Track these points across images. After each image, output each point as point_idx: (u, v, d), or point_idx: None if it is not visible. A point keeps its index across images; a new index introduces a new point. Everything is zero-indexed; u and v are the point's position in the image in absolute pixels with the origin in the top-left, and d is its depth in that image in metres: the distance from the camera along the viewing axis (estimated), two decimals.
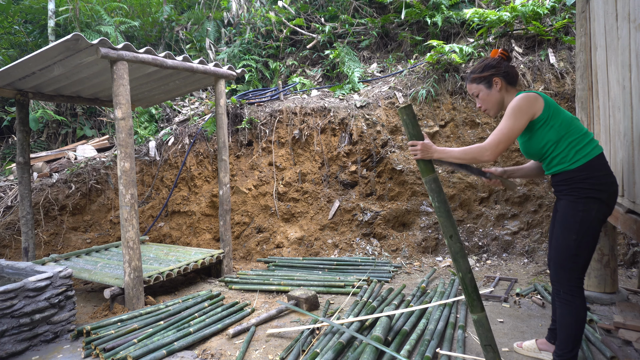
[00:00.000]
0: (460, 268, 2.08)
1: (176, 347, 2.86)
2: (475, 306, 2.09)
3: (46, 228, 5.49)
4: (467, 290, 2.09)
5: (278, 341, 3.02)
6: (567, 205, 2.10)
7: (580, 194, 2.06)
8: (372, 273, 4.41)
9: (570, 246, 2.09)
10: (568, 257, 2.10)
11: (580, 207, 2.05)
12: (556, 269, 2.17)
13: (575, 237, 2.07)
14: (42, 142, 7.31)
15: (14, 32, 8.18)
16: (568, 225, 2.09)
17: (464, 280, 2.08)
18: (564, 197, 2.13)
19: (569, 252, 2.10)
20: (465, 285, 2.08)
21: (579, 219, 2.05)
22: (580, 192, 2.06)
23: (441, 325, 2.99)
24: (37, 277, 3.09)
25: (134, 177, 3.71)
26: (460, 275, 2.09)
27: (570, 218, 2.08)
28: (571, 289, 2.13)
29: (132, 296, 3.65)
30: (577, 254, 2.09)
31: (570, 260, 2.10)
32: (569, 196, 2.10)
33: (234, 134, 5.99)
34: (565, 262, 2.12)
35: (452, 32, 6.27)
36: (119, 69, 3.58)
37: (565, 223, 2.10)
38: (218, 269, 4.78)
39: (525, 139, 2.22)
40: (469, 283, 2.08)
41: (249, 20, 7.68)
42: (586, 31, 3.24)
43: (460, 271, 2.08)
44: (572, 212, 2.08)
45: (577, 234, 2.06)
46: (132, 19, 8.23)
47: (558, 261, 2.15)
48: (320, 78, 6.94)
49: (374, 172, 5.48)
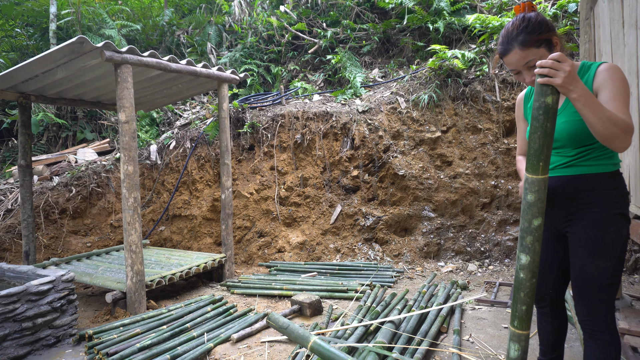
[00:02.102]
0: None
1: (179, 352, 2.84)
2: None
3: (46, 231, 5.46)
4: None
5: (282, 346, 3.01)
6: (594, 227, 1.74)
7: (610, 210, 1.72)
8: (374, 278, 4.40)
9: (604, 275, 1.72)
10: (601, 287, 1.73)
11: (612, 228, 1.71)
12: (589, 304, 1.76)
13: (610, 264, 1.71)
14: (43, 145, 7.29)
15: (15, 35, 8.17)
16: (600, 250, 1.72)
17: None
18: (587, 216, 1.76)
19: (602, 282, 1.73)
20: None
21: (611, 241, 1.71)
22: (609, 208, 1.73)
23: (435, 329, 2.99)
24: (39, 280, 3.07)
25: (137, 180, 3.70)
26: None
27: (601, 241, 1.72)
28: (611, 326, 1.74)
29: (134, 300, 3.63)
30: (612, 283, 1.72)
31: (605, 291, 1.73)
32: (596, 214, 1.74)
33: (236, 138, 5.98)
34: (600, 295, 1.73)
35: (454, 37, 6.29)
36: (123, 72, 3.58)
37: (595, 248, 1.73)
38: (220, 273, 4.76)
39: (579, 116, 1.71)
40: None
41: (250, 25, 7.70)
42: (590, 38, 3.26)
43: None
44: (603, 235, 1.71)
45: (610, 260, 1.71)
46: (133, 22, 8.24)
47: (591, 294, 1.75)
48: (322, 83, 6.96)
49: (375, 177, 5.48)
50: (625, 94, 1.61)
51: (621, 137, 1.50)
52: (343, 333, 2.99)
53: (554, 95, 1.45)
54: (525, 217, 1.52)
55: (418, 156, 5.37)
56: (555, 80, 1.42)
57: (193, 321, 3.34)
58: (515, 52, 1.71)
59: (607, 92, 1.62)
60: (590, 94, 1.47)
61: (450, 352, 2.75)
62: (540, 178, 1.48)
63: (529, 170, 1.50)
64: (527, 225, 1.52)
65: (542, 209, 1.50)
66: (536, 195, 1.49)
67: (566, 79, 1.42)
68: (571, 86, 1.44)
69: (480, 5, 6.33)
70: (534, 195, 1.50)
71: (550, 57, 1.43)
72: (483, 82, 5.28)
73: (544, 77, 1.43)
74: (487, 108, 5.22)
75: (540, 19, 1.70)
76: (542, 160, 1.47)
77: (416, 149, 5.40)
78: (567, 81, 1.42)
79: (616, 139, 1.51)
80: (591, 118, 1.48)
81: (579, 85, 1.45)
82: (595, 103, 1.47)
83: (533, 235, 1.52)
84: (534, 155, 1.48)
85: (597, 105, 1.47)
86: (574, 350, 2.77)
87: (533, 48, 1.69)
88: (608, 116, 1.47)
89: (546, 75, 1.43)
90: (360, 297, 3.88)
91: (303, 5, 7.64)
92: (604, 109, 1.48)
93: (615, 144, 1.52)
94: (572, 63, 1.42)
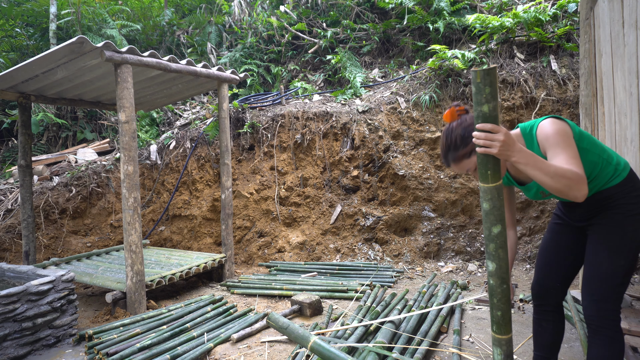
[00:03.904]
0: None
1: (179, 352, 2.84)
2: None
3: (46, 231, 5.46)
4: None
5: (282, 346, 3.01)
6: (611, 227, 1.80)
7: (629, 211, 1.77)
8: (374, 278, 4.40)
9: (617, 274, 1.77)
10: (613, 287, 1.78)
11: (630, 228, 1.76)
12: (597, 302, 1.81)
13: (624, 263, 1.76)
14: (43, 146, 7.29)
15: (15, 35, 8.17)
16: (616, 249, 1.78)
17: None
18: (607, 216, 1.82)
19: (615, 281, 1.78)
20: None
21: (628, 241, 1.76)
22: (628, 209, 1.78)
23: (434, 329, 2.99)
24: (39, 280, 3.07)
25: (137, 180, 3.70)
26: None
27: (619, 241, 1.77)
28: (617, 324, 1.79)
29: (134, 300, 3.63)
30: (622, 283, 1.78)
31: (615, 290, 1.78)
32: (614, 215, 1.80)
33: (236, 138, 5.98)
34: (610, 294, 1.79)
35: (454, 38, 6.29)
36: (123, 72, 3.58)
37: (611, 248, 1.78)
38: (220, 273, 4.76)
39: None
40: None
41: (250, 25, 7.70)
42: (590, 38, 3.26)
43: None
44: (621, 234, 1.77)
45: (625, 259, 1.76)
46: (133, 22, 8.24)
47: (602, 292, 1.80)
48: (322, 83, 6.96)
49: (375, 177, 5.48)
50: (564, 143, 1.64)
51: (575, 187, 1.53)
52: (343, 333, 2.99)
53: (491, 162, 1.49)
54: (485, 225, 1.54)
55: (418, 156, 5.37)
56: (492, 150, 1.45)
57: (193, 321, 3.34)
58: (453, 167, 1.83)
59: (550, 151, 1.67)
60: (531, 154, 1.50)
61: (450, 352, 2.75)
62: (492, 186, 1.49)
63: (481, 180, 1.52)
64: (488, 233, 1.54)
65: (500, 216, 1.52)
66: (491, 203, 1.50)
67: (502, 148, 1.44)
68: (509, 152, 1.46)
69: (480, 5, 6.33)
70: (489, 203, 1.51)
71: (483, 129, 1.45)
72: None
73: (482, 148, 1.47)
74: None
75: (461, 132, 1.74)
76: (489, 169, 1.49)
77: (416, 149, 5.40)
78: (503, 149, 1.44)
79: (570, 190, 1.53)
80: (538, 176, 1.52)
81: (516, 149, 1.47)
82: (538, 161, 1.50)
83: (495, 243, 1.53)
84: (480, 165, 1.50)
85: (541, 162, 1.50)
86: (574, 350, 2.77)
87: (465, 160, 1.77)
88: (554, 170, 1.51)
89: (483, 146, 1.47)
90: (360, 297, 3.88)
91: (303, 5, 7.64)
92: (549, 165, 1.51)
93: (571, 194, 1.55)
94: (506, 131, 1.45)
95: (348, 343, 2.69)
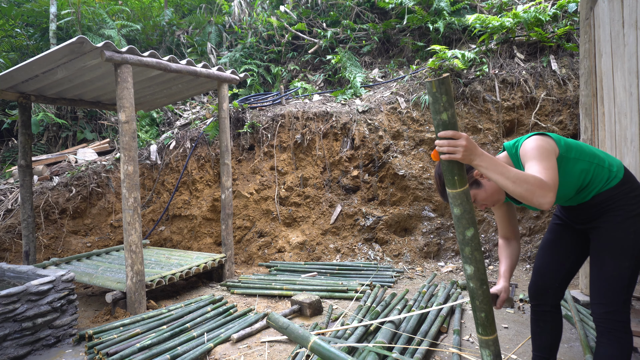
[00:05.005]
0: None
1: (179, 352, 2.84)
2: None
3: (46, 231, 5.46)
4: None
5: (282, 346, 3.01)
6: (613, 229, 1.81)
7: (628, 213, 1.79)
8: (374, 278, 4.40)
9: (623, 276, 1.78)
10: (620, 289, 1.79)
11: (631, 229, 1.77)
12: (605, 305, 1.81)
13: (629, 264, 1.77)
14: (43, 146, 7.29)
15: (15, 35, 8.17)
16: (620, 251, 1.79)
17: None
18: (609, 219, 1.83)
19: (621, 284, 1.78)
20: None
21: (631, 242, 1.77)
22: (627, 210, 1.79)
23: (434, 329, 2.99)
24: (39, 280, 3.07)
25: (137, 180, 3.70)
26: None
27: (622, 242, 1.78)
28: (626, 325, 1.80)
29: (134, 300, 3.63)
30: (630, 284, 1.78)
31: (623, 292, 1.79)
32: (615, 216, 1.81)
33: (236, 138, 5.98)
34: (618, 296, 1.79)
35: (454, 38, 6.29)
36: (123, 72, 3.58)
37: (616, 249, 1.79)
38: (219, 273, 4.76)
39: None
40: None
41: (250, 25, 7.70)
42: (590, 38, 3.26)
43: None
44: (623, 236, 1.78)
45: (629, 260, 1.77)
46: (133, 22, 8.24)
47: (609, 296, 1.80)
48: (322, 83, 6.96)
49: (375, 177, 5.48)
50: (540, 156, 1.68)
51: (537, 193, 1.53)
52: (343, 333, 2.99)
53: (456, 168, 1.53)
54: (458, 230, 1.56)
55: (418, 156, 5.37)
56: (456, 156, 1.50)
57: (193, 321, 3.34)
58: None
59: (526, 165, 1.72)
60: (492, 158, 1.54)
61: (450, 352, 2.75)
62: (460, 191, 1.53)
63: (448, 186, 1.55)
64: (462, 237, 1.56)
65: (471, 219, 1.54)
66: (461, 207, 1.53)
67: (465, 152, 1.49)
68: (471, 156, 1.51)
69: (480, 5, 6.33)
70: (459, 208, 1.54)
71: (445, 136, 1.50)
72: (483, 82, 5.28)
73: (446, 155, 1.51)
74: (487, 108, 5.22)
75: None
76: (455, 175, 1.52)
77: (416, 149, 5.40)
78: (466, 154, 1.50)
79: (533, 195, 1.54)
80: (500, 180, 1.53)
81: (478, 153, 1.52)
82: (499, 165, 1.53)
83: (470, 246, 1.55)
84: (446, 171, 1.53)
85: (502, 167, 1.53)
86: (574, 350, 2.77)
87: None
88: (515, 174, 1.53)
89: (447, 153, 1.52)
90: (360, 297, 3.88)
91: (303, 5, 7.64)
92: (510, 169, 1.54)
93: (535, 200, 1.55)
94: (467, 137, 1.49)
95: (348, 343, 2.69)
